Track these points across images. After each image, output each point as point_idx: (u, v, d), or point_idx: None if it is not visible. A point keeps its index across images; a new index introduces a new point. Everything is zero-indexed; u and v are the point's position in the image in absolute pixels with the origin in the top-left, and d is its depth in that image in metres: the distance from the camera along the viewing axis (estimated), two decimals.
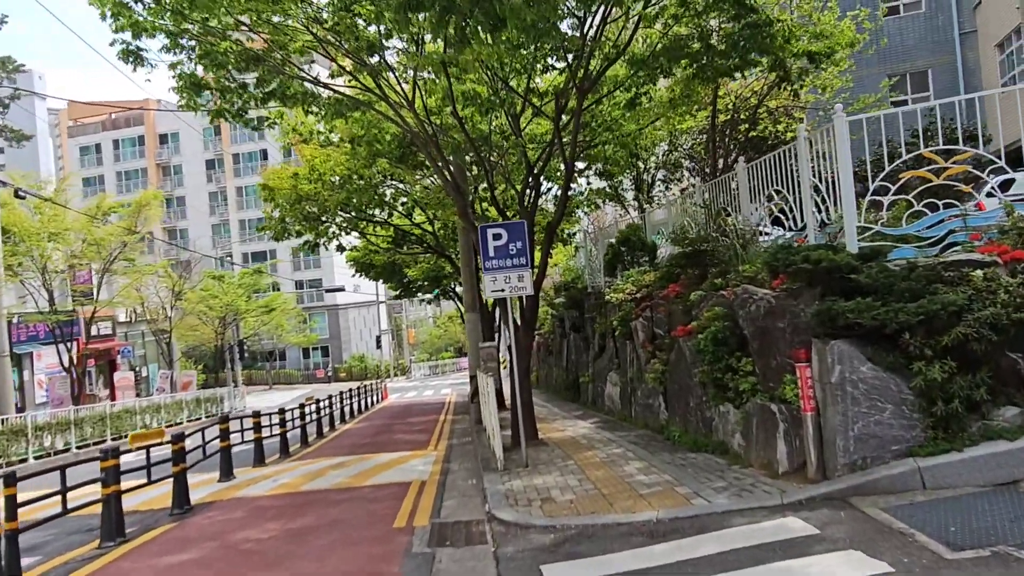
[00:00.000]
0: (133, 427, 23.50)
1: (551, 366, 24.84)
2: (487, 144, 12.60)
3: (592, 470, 8.57)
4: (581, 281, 21.06)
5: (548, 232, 11.22)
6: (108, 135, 68.05)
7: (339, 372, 59.47)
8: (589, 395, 16.93)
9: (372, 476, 10.80)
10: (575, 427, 13.00)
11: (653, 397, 11.24)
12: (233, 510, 9.20)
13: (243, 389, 35.92)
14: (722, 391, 8.40)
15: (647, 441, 10.12)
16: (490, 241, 9.16)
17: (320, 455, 14.42)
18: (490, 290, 9.21)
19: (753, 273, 8.51)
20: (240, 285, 34.38)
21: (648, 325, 11.88)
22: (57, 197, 21.31)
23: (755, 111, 14.64)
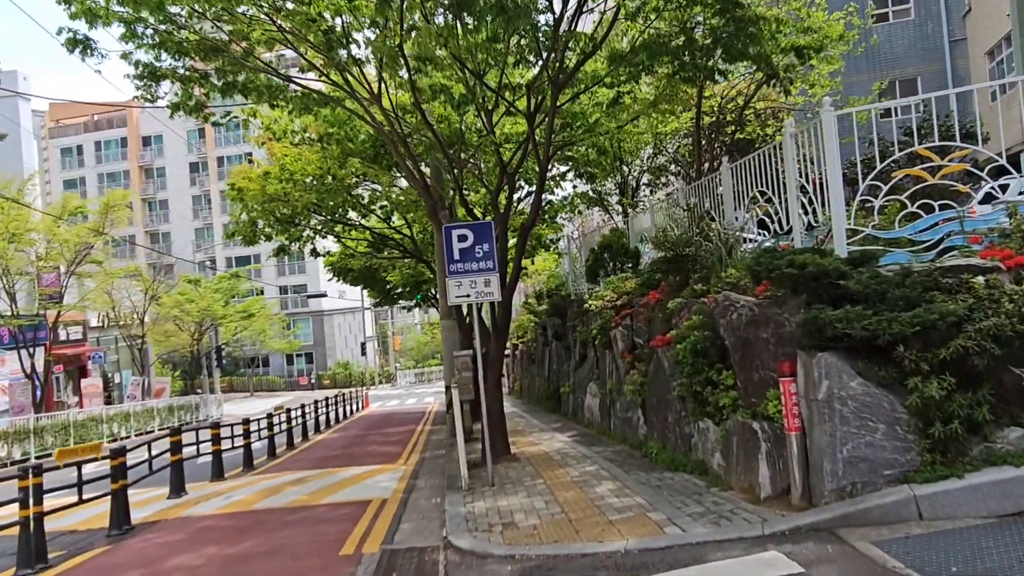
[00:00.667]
0: (99, 436, 22.68)
1: (533, 375, 24.20)
2: (462, 142, 12.01)
3: (562, 491, 7.93)
4: (565, 288, 20.49)
5: (522, 234, 10.62)
6: (90, 136, 67.04)
7: (323, 379, 58.55)
8: (570, 406, 16.31)
9: (332, 493, 10.13)
10: (551, 441, 12.36)
11: (632, 410, 10.63)
12: (175, 531, 8.51)
13: (220, 396, 35.05)
14: (702, 406, 7.80)
15: (624, 458, 9.50)
16: (455, 243, 8.53)
17: (284, 469, 13.71)
18: (454, 296, 8.59)
19: (736, 279, 7.94)
20: (217, 290, 33.53)
21: (628, 334, 11.29)
22: (20, 197, 20.54)
23: (741, 113, 14.12)
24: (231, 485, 11.71)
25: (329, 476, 11.90)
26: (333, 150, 14.47)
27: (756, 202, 9.03)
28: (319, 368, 61.75)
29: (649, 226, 13.90)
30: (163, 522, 9.11)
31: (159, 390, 30.18)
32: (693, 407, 7.93)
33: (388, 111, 10.82)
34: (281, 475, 12.59)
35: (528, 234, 10.83)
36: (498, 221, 11.03)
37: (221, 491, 11.08)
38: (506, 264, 10.95)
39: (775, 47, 9.53)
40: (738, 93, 14.50)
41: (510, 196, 11.14)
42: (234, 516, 9.11)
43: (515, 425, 16.21)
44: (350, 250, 21.17)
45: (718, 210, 10.14)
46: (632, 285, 12.41)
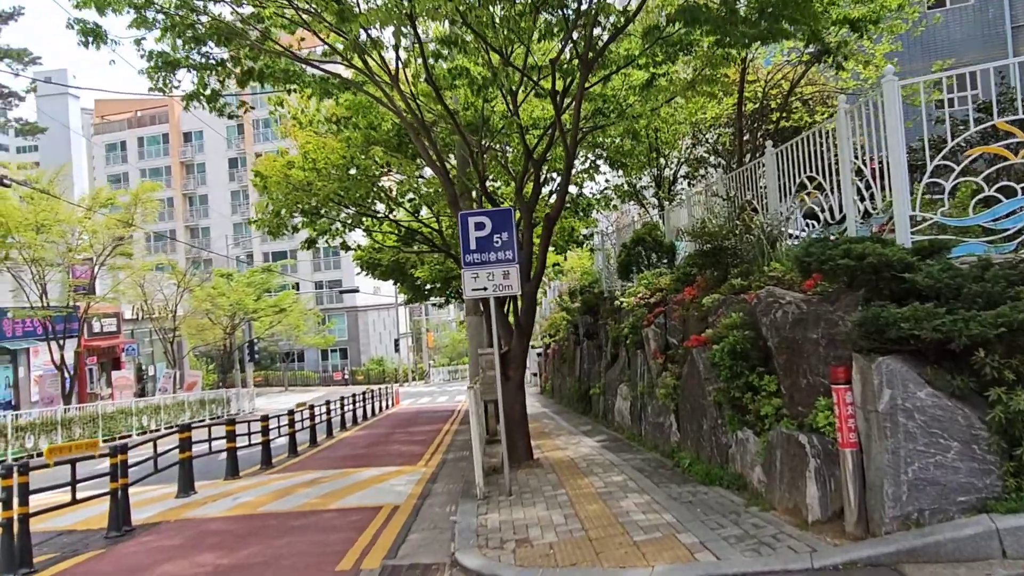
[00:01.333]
0: (129, 429, 22.66)
1: (564, 375, 23.49)
2: (486, 128, 11.37)
3: (584, 503, 7.23)
4: (598, 285, 19.75)
5: (547, 224, 9.92)
6: (133, 133, 68.22)
7: (356, 375, 58.58)
8: (600, 408, 15.57)
9: (343, 497, 9.58)
10: (578, 445, 11.65)
11: (664, 416, 9.87)
12: (174, 535, 8.03)
13: (253, 391, 35.05)
14: (740, 414, 7.03)
15: (654, 468, 8.76)
16: (471, 231, 7.89)
17: (302, 468, 13.25)
18: (470, 289, 7.94)
19: (781, 274, 7.15)
20: (249, 283, 33.47)
21: (661, 333, 10.53)
22: (50, 188, 20.52)
23: (787, 98, 13.20)
24: (243, 485, 11.26)
25: (345, 478, 11.38)
26: (355, 137, 13.94)
27: (804, 189, 8.20)
28: (353, 364, 61.82)
29: (686, 220, 13.10)
30: (164, 524, 8.66)
31: (191, 383, 30.21)
32: (731, 415, 7.16)
33: (407, 96, 10.23)
34: (297, 475, 12.12)
35: (554, 225, 10.13)
36: (523, 210, 10.37)
37: (231, 491, 10.63)
38: (531, 257, 10.28)
39: (827, 20, 8.66)
40: (783, 77, 13.57)
41: (536, 185, 10.44)
42: (238, 520, 8.61)
43: (543, 427, 15.55)
44: (377, 244, 20.67)
45: (761, 200, 9.33)
46: (666, 281, 11.66)
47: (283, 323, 48.08)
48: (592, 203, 17.63)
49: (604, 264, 19.77)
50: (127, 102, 69.99)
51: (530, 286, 10.10)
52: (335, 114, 13.15)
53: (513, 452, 9.78)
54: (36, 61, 33.66)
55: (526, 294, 10.13)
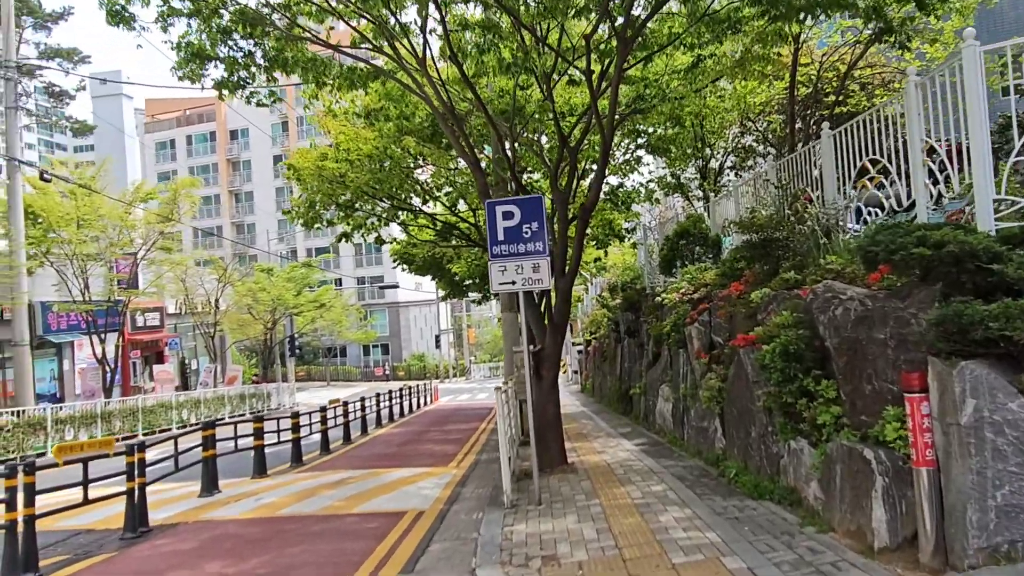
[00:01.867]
0: (169, 422, 22.79)
1: (605, 374, 22.83)
2: (520, 116, 10.82)
3: (619, 517, 6.65)
4: (640, 281, 19.05)
5: (582, 215, 9.34)
6: (182, 131, 69.59)
7: (398, 371, 58.72)
8: (640, 409, 14.91)
9: (367, 500, 9.16)
10: (616, 449, 11.04)
11: (708, 420, 9.21)
12: (188, 538, 7.70)
13: (294, 385, 35.17)
14: (794, 422, 6.35)
15: (696, 477, 8.11)
16: (499, 221, 7.36)
17: (331, 467, 12.91)
18: (497, 283, 7.41)
19: (840, 267, 6.44)
20: (289, 279, 33.57)
21: (705, 331, 9.85)
22: (92, 183, 20.69)
23: (844, 81, 12.33)
24: (268, 484, 10.96)
25: (372, 478, 10.99)
26: (387, 128, 13.54)
27: (865, 175, 7.46)
28: (394, 359, 62.02)
29: (733, 211, 12.37)
30: (182, 525, 8.35)
31: (232, 378, 30.40)
32: (782, 422, 6.49)
33: (436, 81, 9.75)
34: (324, 475, 11.77)
35: (590, 215, 9.54)
36: (557, 202, 9.80)
37: (256, 491, 10.31)
38: (565, 251, 9.70)
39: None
40: (839, 59, 12.69)
41: (572, 175, 9.86)
42: (256, 523, 8.25)
43: (580, 428, 14.96)
44: (413, 238, 20.32)
45: (815, 188, 8.59)
46: (711, 276, 10.97)
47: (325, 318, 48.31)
48: (633, 195, 16.91)
49: (646, 259, 19.05)
50: (176, 101, 71.43)
51: (565, 281, 9.53)
52: (367, 105, 12.77)
53: (545, 456, 9.25)
54: (86, 60, 34.22)
55: (560, 289, 9.57)
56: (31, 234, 19.19)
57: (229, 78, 10.62)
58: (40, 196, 19.73)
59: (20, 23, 33.02)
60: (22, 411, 16.80)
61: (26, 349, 17.72)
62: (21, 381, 17.58)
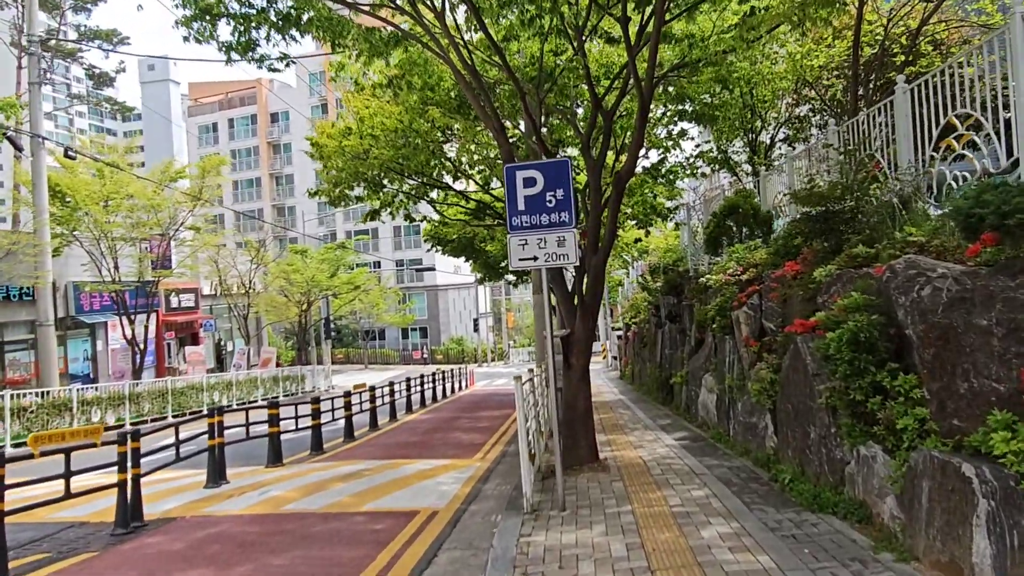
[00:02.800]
0: (200, 404, 22.55)
1: (644, 360, 21.81)
2: (550, 79, 9.87)
3: (654, 529, 5.74)
4: (683, 263, 17.97)
5: (617, 185, 8.37)
6: (224, 114, 70.04)
7: (436, 354, 58.40)
8: (682, 400, 13.92)
9: (380, 496, 8.43)
10: (654, 444, 10.11)
11: (758, 415, 8.21)
12: (179, 537, 7.06)
13: (329, 368, 34.91)
14: (863, 423, 5.35)
15: (744, 481, 7.14)
16: (519, 189, 6.46)
17: (351, 456, 12.26)
18: (517, 259, 6.52)
19: (924, 240, 5.39)
20: (323, 260, 33.17)
21: (755, 316, 8.83)
22: (120, 162, 20.39)
23: (915, 38, 11.03)
24: (280, 475, 10.33)
25: (391, 470, 10.27)
26: (412, 100, 12.71)
27: (951, 133, 6.34)
28: (433, 343, 61.71)
29: (787, 186, 11.25)
30: (178, 521, 7.72)
31: (266, 360, 30.21)
32: (849, 423, 5.48)
33: (457, 39, 8.85)
34: (342, 465, 11.11)
35: (625, 185, 8.56)
36: (591, 172, 8.84)
37: (265, 482, 9.68)
38: (598, 226, 8.76)
39: None
40: (909, 14, 11.39)
41: (606, 142, 8.88)
42: (255, 520, 7.57)
43: (617, 418, 14.04)
44: (444, 217, 19.52)
45: (886, 151, 7.47)
46: (762, 255, 9.93)
47: (363, 301, 48.09)
48: (675, 170, 15.78)
49: (690, 240, 17.95)
50: (219, 84, 72.01)
51: (597, 258, 8.59)
52: (391, 75, 11.93)
53: (574, 452, 8.38)
54: (125, 41, 34.20)
55: (592, 267, 8.64)
56: (57, 212, 18.99)
57: (239, 39, 9.90)
58: (67, 174, 19.49)
59: (60, 3, 33.09)
60: (47, 392, 16.58)
61: (50, 329, 17.52)
62: (46, 361, 17.39)
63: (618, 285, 48.44)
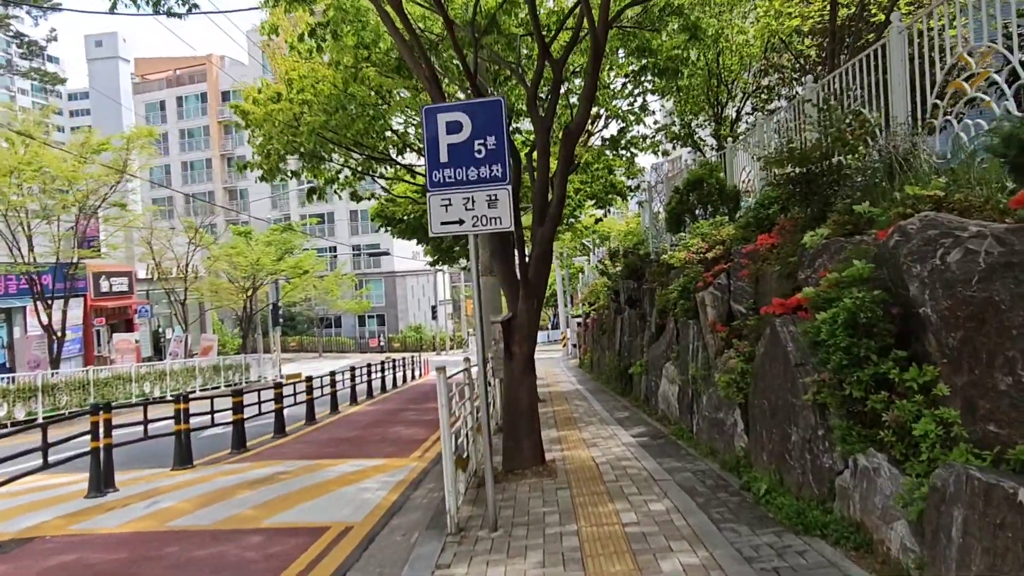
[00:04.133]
0: (127, 396, 20.91)
1: (603, 348, 20.81)
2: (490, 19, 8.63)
3: (602, 559, 4.61)
4: (644, 246, 16.96)
5: (566, 141, 7.21)
6: (172, 92, 67.02)
7: (393, 342, 56.92)
8: (641, 391, 12.89)
9: (289, 507, 7.19)
10: (609, 442, 9.02)
11: (726, 411, 7.16)
12: (24, 566, 5.73)
13: (278, 356, 33.26)
14: (862, 426, 4.29)
15: (712, 489, 6.07)
16: (441, 136, 5.24)
17: (274, 456, 10.97)
18: (437, 222, 5.30)
19: (942, 192, 4.32)
20: (269, 243, 31.44)
21: (722, 298, 7.79)
22: (34, 131, 18.56)
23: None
24: (182, 480, 9.00)
25: (313, 473, 9.03)
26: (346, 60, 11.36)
27: (962, 74, 5.30)
28: (390, 331, 60.17)
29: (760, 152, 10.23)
30: (35, 542, 6.38)
31: (206, 347, 28.45)
32: (843, 425, 4.41)
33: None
34: (258, 466, 9.82)
35: (575, 142, 7.40)
36: (537, 129, 7.65)
37: (160, 490, 8.35)
38: (546, 190, 7.59)
39: None
40: None
41: (555, 94, 7.68)
42: (128, 541, 6.27)
43: (572, 411, 12.95)
44: (389, 194, 18.17)
45: (874, 104, 6.43)
46: (730, 231, 8.92)
47: (317, 287, 46.33)
48: (636, 142, 14.67)
49: (651, 221, 16.97)
50: (167, 60, 68.81)
51: (544, 230, 7.42)
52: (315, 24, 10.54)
53: (516, 455, 7.24)
54: (57, 8, 31.79)
55: (538, 240, 7.48)
56: None
57: None
58: None
59: None
60: None
61: None
62: None
63: (579, 272, 47.51)
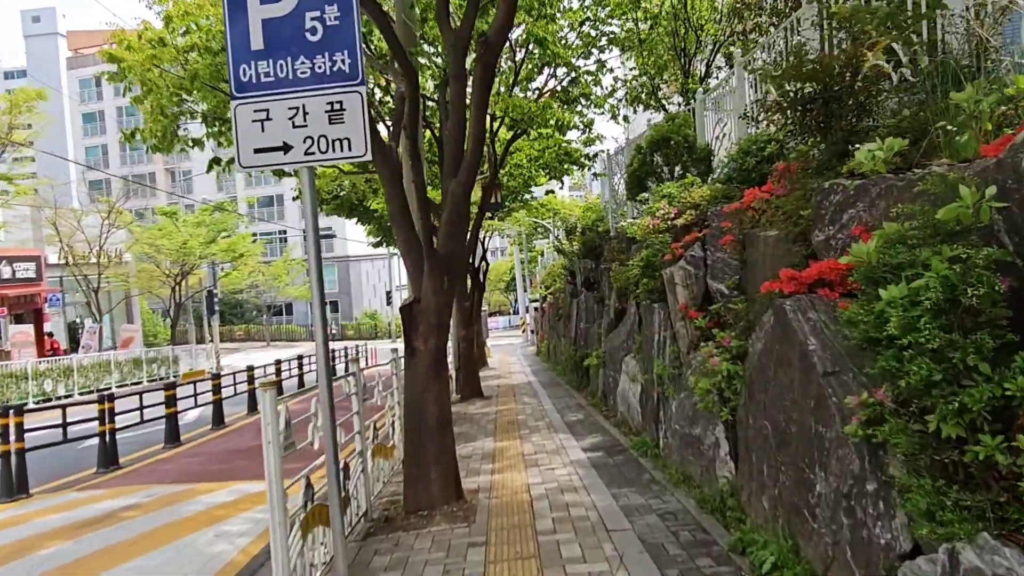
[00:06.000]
0: (23, 395, 18.42)
1: (559, 336, 18.97)
2: None
3: None
4: (603, 223, 15.10)
5: (484, 58, 5.20)
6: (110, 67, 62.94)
7: (347, 329, 54.47)
8: (598, 386, 11.06)
9: (116, 563, 5.15)
10: (554, 459, 7.10)
11: (704, 426, 5.28)
12: None
13: (216, 347, 30.75)
14: (962, 486, 2.40)
15: (688, 551, 4.16)
16: (251, 5, 3.20)
17: (143, 478, 8.84)
18: (249, 148, 3.29)
19: None
20: (199, 223, 28.79)
21: (696, 274, 5.93)
22: None
23: None
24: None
25: (173, 506, 6.97)
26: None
27: None
28: (344, 318, 57.73)
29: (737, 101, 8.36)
30: None
31: (127, 339, 25.84)
32: (924, 485, 2.51)
33: None
34: (111, 495, 7.72)
35: (496, 58, 5.45)
36: (450, 49, 5.63)
37: None
38: (462, 129, 5.60)
39: None
40: None
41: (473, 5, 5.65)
42: None
43: (516, 411, 11.04)
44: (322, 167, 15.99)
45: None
46: (705, 192, 7.05)
47: (264, 272, 43.85)
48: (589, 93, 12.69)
49: (610, 195, 15.10)
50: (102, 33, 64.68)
51: (457, 182, 5.43)
52: None
53: (420, 489, 5.32)
54: None
55: (451, 197, 5.48)
56: None
57: None
58: None
59: None
60: None
61: None
62: None
63: (539, 255, 45.60)
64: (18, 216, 20.65)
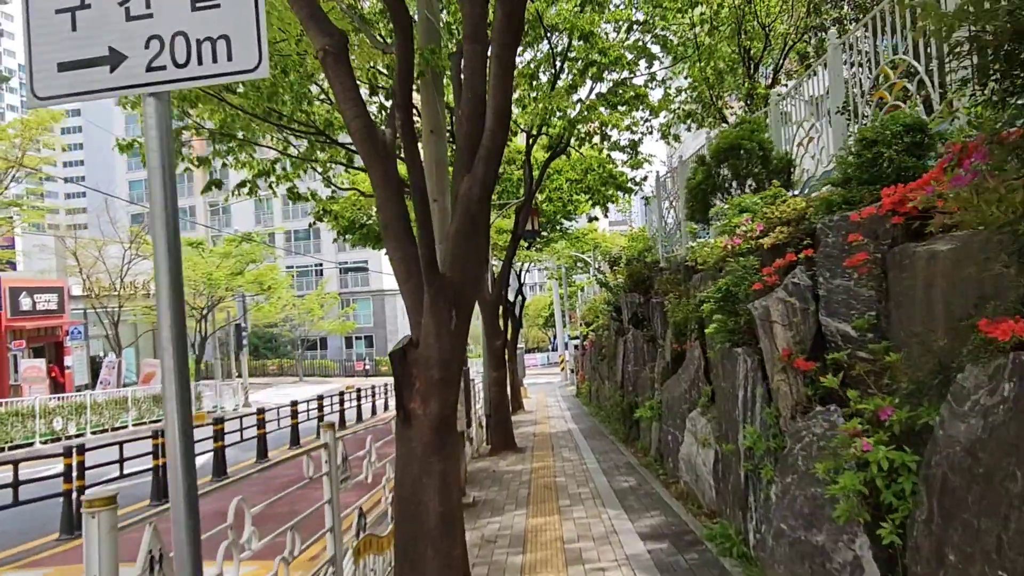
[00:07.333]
0: (29, 435, 17.31)
1: (603, 378, 17.20)
2: None
3: None
4: (652, 253, 13.42)
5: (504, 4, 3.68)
6: None
7: (380, 365, 53.13)
8: (651, 441, 9.31)
9: None
10: (603, 555, 5.38)
11: (834, 534, 3.54)
12: None
13: (245, 382, 29.59)
14: None
15: None
16: None
17: None
18: (44, 71, 1.72)
19: None
20: (226, 254, 27.85)
21: (802, 308, 4.27)
22: None
23: None
24: None
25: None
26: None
27: None
28: (379, 352, 56.41)
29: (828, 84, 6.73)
30: None
31: (148, 375, 24.85)
32: None
33: None
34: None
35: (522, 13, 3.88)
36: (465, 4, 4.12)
37: None
38: (479, 116, 4.07)
39: None
40: None
41: None
42: None
43: (554, 473, 9.31)
44: (332, 185, 14.63)
45: None
46: (800, 204, 5.39)
47: (298, 306, 43.01)
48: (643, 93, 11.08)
49: (659, 222, 13.46)
50: None
51: (476, 176, 3.88)
52: None
53: None
54: None
55: (462, 204, 3.93)
56: None
57: None
58: None
59: None
60: None
61: None
62: None
63: (579, 290, 43.79)
64: (37, 245, 19.80)
